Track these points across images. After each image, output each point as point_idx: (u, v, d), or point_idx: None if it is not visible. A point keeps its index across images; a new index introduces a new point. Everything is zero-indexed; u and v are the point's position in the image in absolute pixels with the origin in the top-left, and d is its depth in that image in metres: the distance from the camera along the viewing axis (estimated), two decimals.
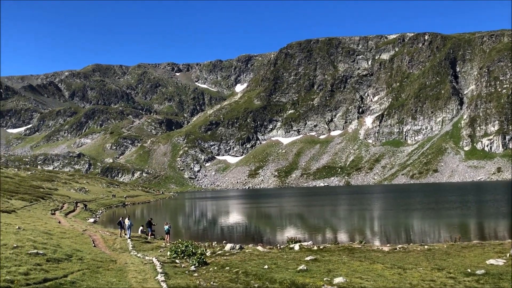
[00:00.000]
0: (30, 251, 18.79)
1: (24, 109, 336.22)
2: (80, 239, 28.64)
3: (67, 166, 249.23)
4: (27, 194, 66.81)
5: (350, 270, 18.88)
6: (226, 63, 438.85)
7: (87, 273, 17.25)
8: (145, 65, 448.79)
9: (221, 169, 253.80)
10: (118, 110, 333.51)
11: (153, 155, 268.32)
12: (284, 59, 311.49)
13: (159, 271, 18.77)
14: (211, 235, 43.33)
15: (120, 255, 23.93)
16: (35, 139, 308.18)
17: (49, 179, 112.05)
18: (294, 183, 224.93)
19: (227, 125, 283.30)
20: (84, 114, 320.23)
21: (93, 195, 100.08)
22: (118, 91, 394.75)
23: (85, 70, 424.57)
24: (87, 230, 35.18)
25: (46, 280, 14.76)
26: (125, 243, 28.78)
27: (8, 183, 78.48)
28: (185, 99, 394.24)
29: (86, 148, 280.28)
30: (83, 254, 21.51)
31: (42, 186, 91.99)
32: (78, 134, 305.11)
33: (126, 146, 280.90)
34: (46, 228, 32.01)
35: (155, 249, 27.62)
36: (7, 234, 23.82)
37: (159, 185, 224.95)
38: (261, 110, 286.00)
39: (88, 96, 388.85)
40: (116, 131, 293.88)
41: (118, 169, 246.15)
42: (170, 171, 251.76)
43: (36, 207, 56.58)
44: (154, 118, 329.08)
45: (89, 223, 45.73)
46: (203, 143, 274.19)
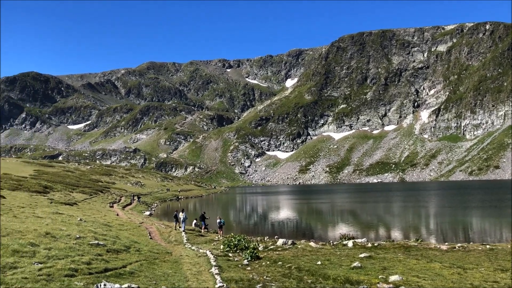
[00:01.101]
0: (91, 242, 19.62)
1: (84, 106, 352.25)
2: (137, 231, 29.59)
3: (123, 160, 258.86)
4: (87, 188, 69.98)
5: (406, 268, 18.30)
6: (277, 58, 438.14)
7: (145, 264, 17.77)
8: (197, 62, 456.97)
9: (271, 165, 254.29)
10: (171, 107, 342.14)
11: (205, 151, 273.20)
12: (335, 52, 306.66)
13: (213, 264, 19.01)
14: (262, 230, 43.47)
15: (175, 248, 24.49)
16: (93, 135, 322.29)
17: (107, 173, 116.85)
18: (346, 179, 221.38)
19: (277, 121, 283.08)
20: (139, 111, 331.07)
21: (149, 189, 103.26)
22: (172, 88, 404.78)
23: (140, 68, 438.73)
24: (144, 223, 36.31)
25: (107, 270, 15.33)
26: (179, 236, 29.43)
27: (69, 177, 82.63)
28: (235, 95, 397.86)
29: (142, 144, 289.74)
30: (140, 246, 22.19)
31: (101, 180, 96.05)
32: (134, 130, 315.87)
33: (179, 142, 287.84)
34: (106, 220, 33.36)
35: (208, 242, 28.05)
36: (70, 226, 25.04)
37: (211, 180, 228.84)
38: (312, 105, 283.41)
39: (143, 93, 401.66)
40: (169, 127, 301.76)
41: (171, 164, 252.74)
42: (221, 166, 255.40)
43: (95, 200, 59.12)
44: (206, 114, 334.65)
45: (145, 216, 47.20)
46: (253, 138, 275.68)
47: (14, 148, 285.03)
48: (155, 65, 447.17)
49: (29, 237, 17.62)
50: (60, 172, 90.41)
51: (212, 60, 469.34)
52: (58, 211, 33.95)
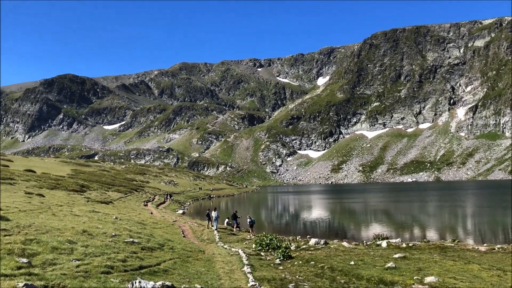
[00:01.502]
0: (126, 240, 20.02)
1: (118, 107, 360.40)
2: (171, 230, 30.02)
3: (157, 160, 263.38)
4: (122, 186, 71.50)
5: (442, 269, 17.83)
6: (308, 56, 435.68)
7: (178, 262, 18.00)
8: (228, 62, 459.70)
9: (303, 164, 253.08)
10: (203, 107, 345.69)
11: (236, 150, 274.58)
12: (368, 50, 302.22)
13: (245, 263, 19.07)
14: (294, 229, 43.29)
15: (207, 246, 24.71)
16: (128, 135, 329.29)
17: (141, 172, 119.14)
18: (379, 179, 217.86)
19: (309, 119, 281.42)
20: (172, 111, 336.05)
21: (181, 188, 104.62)
22: (203, 88, 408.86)
23: (173, 68, 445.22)
24: (177, 221, 36.79)
25: (142, 267, 15.62)
26: (212, 234, 29.67)
27: (105, 176, 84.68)
28: (266, 94, 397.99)
29: (174, 143, 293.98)
30: (174, 244, 22.50)
31: (135, 179, 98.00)
32: (167, 130, 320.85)
33: (211, 141, 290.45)
34: (140, 218, 34.00)
35: (240, 241, 28.15)
36: (106, 224, 25.64)
37: (242, 179, 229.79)
38: (344, 103, 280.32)
39: (176, 94, 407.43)
40: (201, 127, 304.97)
41: (203, 163, 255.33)
42: (252, 165, 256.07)
43: (130, 198, 60.34)
44: (237, 114, 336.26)
45: (178, 215, 47.81)
46: (285, 137, 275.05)
47: (52, 148, 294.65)
48: (187, 66, 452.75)
49: (67, 235, 18.14)
50: (96, 172, 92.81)
51: (243, 60, 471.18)
52: (95, 209, 34.83)
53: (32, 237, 16.43)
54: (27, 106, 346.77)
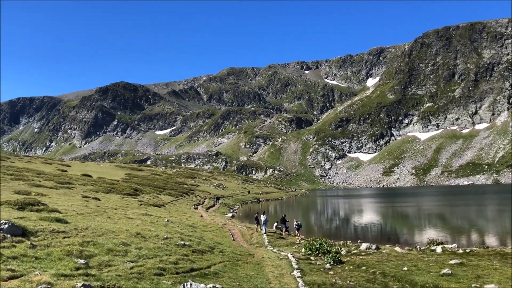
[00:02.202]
0: (178, 242, 20.44)
1: (169, 113, 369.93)
2: (220, 233, 30.36)
3: (206, 164, 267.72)
4: (173, 190, 73.16)
5: (503, 277, 16.89)
6: (357, 57, 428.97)
7: (228, 265, 18.15)
8: (275, 66, 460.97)
9: (353, 167, 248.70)
10: (250, 111, 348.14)
11: (284, 153, 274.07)
12: (419, 49, 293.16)
13: (294, 267, 18.96)
14: (344, 233, 42.60)
15: (257, 250, 24.78)
16: (178, 140, 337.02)
17: (191, 176, 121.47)
18: (433, 182, 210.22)
19: (359, 121, 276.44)
20: (220, 116, 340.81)
21: (230, 191, 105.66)
22: (251, 92, 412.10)
23: (221, 74, 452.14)
24: (226, 224, 37.15)
25: (193, 270, 15.87)
26: (261, 238, 29.72)
27: (157, 180, 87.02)
28: (314, 97, 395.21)
29: (223, 147, 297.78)
30: (223, 247, 22.73)
31: (186, 182, 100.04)
32: (215, 134, 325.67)
33: (258, 145, 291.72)
34: (191, 221, 34.62)
35: (289, 245, 28.04)
36: (158, 226, 26.31)
37: (291, 183, 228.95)
38: (395, 104, 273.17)
39: (224, 98, 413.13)
40: (249, 131, 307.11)
41: (251, 166, 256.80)
42: (300, 169, 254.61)
43: (181, 201, 61.61)
44: (284, 117, 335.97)
45: (227, 218, 48.29)
46: (334, 140, 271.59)
47: (107, 153, 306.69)
48: (234, 71, 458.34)
49: (121, 237, 18.76)
50: (148, 176, 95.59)
51: (290, 63, 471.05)
52: (147, 212, 35.84)
53: (89, 239, 17.11)
54: (84, 113, 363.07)
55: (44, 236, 16.32)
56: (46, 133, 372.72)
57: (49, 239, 16.10)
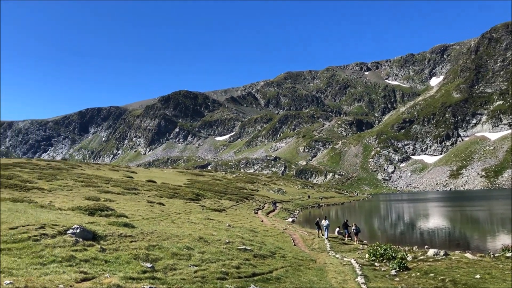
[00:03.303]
0: (239, 247, 20.59)
1: (228, 119, 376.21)
2: (281, 238, 30.28)
3: (265, 168, 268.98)
4: (234, 195, 74.09)
5: None
6: (419, 56, 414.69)
7: (290, 270, 18.03)
8: (333, 68, 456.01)
9: (417, 170, 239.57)
10: (309, 114, 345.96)
11: (345, 157, 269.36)
12: (487, 44, 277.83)
13: (358, 273, 18.55)
14: (409, 239, 41.07)
15: (319, 255, 24.45)
16: (237, 145, 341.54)
17: (250, 181, 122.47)
18: (506, 184, 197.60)
19: (423, 122, 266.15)
20: (278, 120, 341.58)
21: (290, 196, 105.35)
22: (308, 96, 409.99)
23: (278, 78, 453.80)
24: (287, 229, 37.02)
25: (255, 274, 15.90)
26: (323, 243, 29.32)
27: (218, 185, 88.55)
28: (375, 98, 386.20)
29: (281, 152, 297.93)
30: (285, 252, 22.63)
31: (245, 187, 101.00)
32: (273, 139, 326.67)
33: (318, 149, 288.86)
34: (251, 226, 34.84)
35: (352, 251, 27.45)
36: (220, 231, 26.68)
37: (352, 187, 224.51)
38: (461, 103, 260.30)
39: (281, 103, 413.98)
40: (308, 135, 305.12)
41: (311, 171, 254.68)
42: (362, 173, 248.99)
43: (241, 206, 62.25)
44: (344, 120, 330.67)
45: (288, 223, 48.11)
46: (396, 142, 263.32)
47: (170, 160, 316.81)
48: (292, 75, 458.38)
49: (185, 241, 19.19)
50: (209, 181, 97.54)
51: (348, 65, 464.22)
52: (209, 217, 36.51)
53: (154, 243, 17.65)
54: (147, 121, 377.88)
55: (113, 240, 17.04)
56: (113, 141, 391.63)
57: (117, 243, 16.79)
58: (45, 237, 15.39)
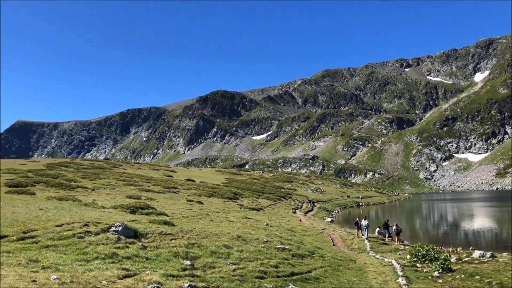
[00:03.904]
0: (277, 246, 20.56)
1: (265, 118, 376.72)
2: (320, 237, 30.02)
3: (303, 168, 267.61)
4: (271, 194, 74.05)
5: None
6: (462, 51, 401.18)
7: (329, 271, 17.84)
8: (373, 65, 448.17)
9: (461, 169, 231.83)
10: (347, 112, 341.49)
11: (385, 155, 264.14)
12: None
13: (399, 274, 18.16)
14: (453, 239, 39.79)
15: (358, 255, 24.08)
16: (274, 144, 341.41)
17: (288, 180, 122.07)
18: None
19: (466, 120, 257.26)
20: (316, 119, 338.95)
21: (328, 195, 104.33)
22: (347, 94, 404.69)
23: (315, 77, 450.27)
24: (326, 229, 36.66)
25: (293, 274, 15.84)
26: (362, 244, 28.85)
27: (255, 184, 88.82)
28: (416, 95, 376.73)
29: (319, 151, 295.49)
30: (323, 252, 22.41)
31: (283, 186, 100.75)
32: (311, 137, 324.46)
33: (357, 147, 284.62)
34: (289, 225, 34.74)
35: (393, 251, 26.87)
36: (258, 230, 26.74)
37: (392, 186, 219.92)
38: (508, 99, 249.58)
39: (319, 101, 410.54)
40: (346, 133, 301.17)
41: (350, 170, 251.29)
42: (403, 172, 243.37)
43: (279, 205, 62.14)
44: (384, 118, 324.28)
45: (326, 222, 47.66)
46: (439, 140, 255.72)
47: (208, 159, 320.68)
48: (329, 73, 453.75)
49: (223, 240, 19.34)
50: (247, 180, 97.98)
51: (388, 61, 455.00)
52: (247, 216, 36.67)
53: (193, 241, 17.88)
54: (186, 121, 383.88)
55: (153, 238, 17.39)
56: (153, 141, 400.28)
57: (158, 240, 17.12)
58: (89, 235, 15.89)
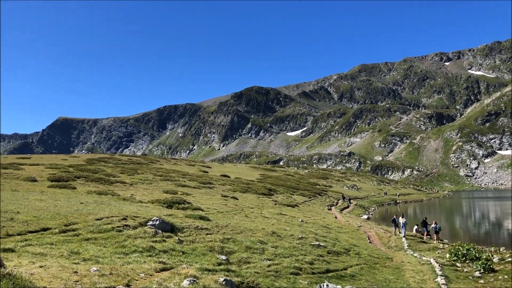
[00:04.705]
0: (312, 243, 20.45)
1: (300, 114, 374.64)
2: (356, 235, 29.67)
3: (338, 164, 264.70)
4: (306, 190, 73.71)
5: None
6: (506, 43, 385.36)
7: (365, 268, 17.61)
8: (411, 59, 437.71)
9: (504, 166, 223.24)
10: (385, 108, 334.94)
11: (423, 152, 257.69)
12: None
13: (438, 273, 17.74)
14: (495, 239, 38.46)
15: (395, 253, 23.66)
16: (309, 140, 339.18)
17: (323, 176, 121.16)
18: None
19: (511, 115, 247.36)
20: (352, 114, 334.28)
21: (365, 193, 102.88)
22: (384, 89, 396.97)
23: (352, 71, 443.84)
24: (362, 226, 36.21)
25: (328, 270, 15.72)
26: (400, 242, 28.32)
27: (290, 181, 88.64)
28: (456, 90, 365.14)
29: (356, 147, 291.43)
30: (359, 249, 22.13)
31: (318, 183, 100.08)
32: (347, 133, 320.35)
33: (394, 144, 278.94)
34: (325, 222, 34.50)
35: (432, 250, 26.24)
36: (293, 226, 26.68)
37: (431, 183, 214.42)
38: None
39: (356, 97, 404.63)
40: (383, 129, 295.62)
41: (387, 166, 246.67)
42: (442, 168, 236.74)
43: (314, 202, 61.80)
44: (423, 113, 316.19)
45: (363, 220, 47.06)
46: (481, 136, 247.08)
47: (242, 155, 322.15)
48: (366, 67, 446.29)
49: (258, 235, 19.40)
50: (281, 176, 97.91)
51: (427, 55, 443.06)
52: (282, 212, 36.66)
53: (228, 236, 18.03)
54: (221, 118, 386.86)
55: (189, 232, 17.65)
56: (189, 137, 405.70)
57: (194, 235, 17.37)
58: (127, 228, 16.30)
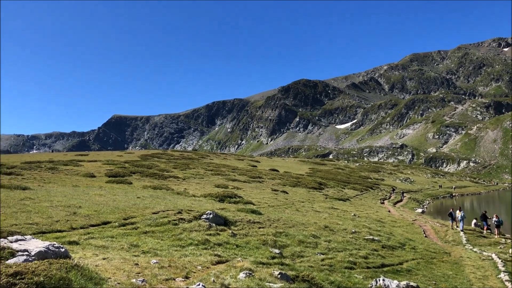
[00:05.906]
0: (366, 237, 20.14)
1: (349, 106, 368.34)
2: (411, 229, 28.92)
3: (390, 157, 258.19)
4: (357, 184, 72.52)
5: None
6: None
7: (422, 263, 17.16)
8: (466, 46, 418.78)
9: None
10: (438, 98, 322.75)
11: (481, 143, 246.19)
12: None
13: (501, 270, 16.97)
14: None
15: (453, 248, 22.86)
16: (360, 133, 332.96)
17: (375, 170, 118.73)
18: None
19: None
20: (404, 105, 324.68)
21: (418, 186, 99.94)
22: (438, 78, 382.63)
23: (403, 61, 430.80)
24: (417, 220, 35.25)
25: (383, 265, 15.44)
26: (457, 236, 27.31)
27: (340, 174, 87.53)
28: None
29: (408, 139, 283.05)
30: (415, 244, 21.56)
31: (369, 176, 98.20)
32: (399, 125, 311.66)
33: (449, 135, 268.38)
34: (378, 216, 33.83)
35: (493, 245, 25.09)
36: (345, 220, 26.39)
37: (489, 175, 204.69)
38: None
39: (407, 87, 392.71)
40: (437, 120, 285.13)
41: (442, 158, 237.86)
42: (502, 160, 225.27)
43: (366, 196, 60.71)
44: (480, 102, 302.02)
45: (417, 213, 45.75)
46: None
47: (291, 149, 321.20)
48: (418, 56, 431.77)
49: (310, 229, 19.34)
50: (331, 170, 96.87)
51: (484, 41, 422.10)
52: (333, 206, 36.32)
53: (281, 230, 18.09)
54: (269, 112, 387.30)
55: (242, 226, 17.87)
56: (237, 132, 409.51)
57: (246, 228, 17.57)
58: (183, 222, 16.73)
